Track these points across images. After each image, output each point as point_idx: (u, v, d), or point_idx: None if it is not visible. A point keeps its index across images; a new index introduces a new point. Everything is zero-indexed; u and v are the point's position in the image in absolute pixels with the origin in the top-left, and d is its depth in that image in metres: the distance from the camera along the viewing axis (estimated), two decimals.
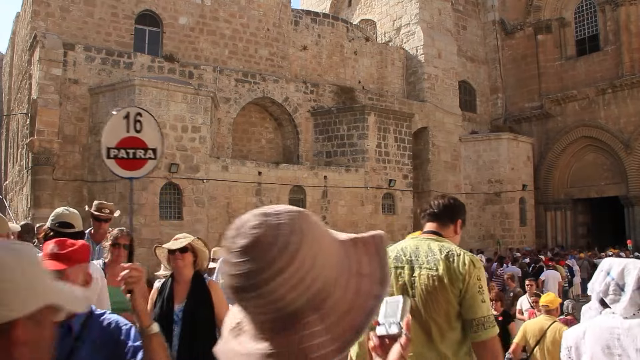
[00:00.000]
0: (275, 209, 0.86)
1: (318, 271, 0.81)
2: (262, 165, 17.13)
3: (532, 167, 24.43)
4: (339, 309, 0.82)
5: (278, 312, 0.80)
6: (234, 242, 0.84)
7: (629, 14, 22.67)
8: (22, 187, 17.16)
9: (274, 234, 0.81)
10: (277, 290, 0.79)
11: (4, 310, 0.79)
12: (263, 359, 0.79)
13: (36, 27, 15.93)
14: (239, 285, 0.81)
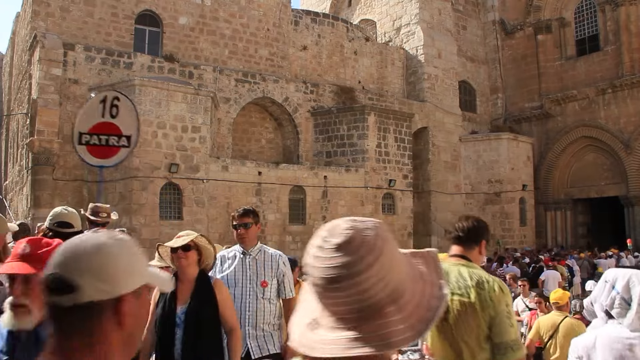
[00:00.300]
0: (361, 218, 1.04)
1: (394, 272, 0.97)
2: (262, 165, 17.13)
3: (532, 167, 24.42)
4: (411, 305, 0.97)
5: (363, 302, 0.94)
6: (327, 240, 0.98)
7: (629, 14, 22.67)
8: (22, 187, 17.17)
9: (362, 235, 0.97)
10: (365, 282, 0.93)
11: (116, 287, 1.01)
12: (350, 343, 0.91)
13: (36, 27, 15.94)
14: (332, 276, 0.94)
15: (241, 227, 3.90)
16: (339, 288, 0.94)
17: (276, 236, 16.96)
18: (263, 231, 16.79)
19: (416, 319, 0.96)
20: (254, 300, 3.83)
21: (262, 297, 3.84)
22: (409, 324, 0.95)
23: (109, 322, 1.01)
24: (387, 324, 0.93)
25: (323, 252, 0.98)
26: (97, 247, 1.02)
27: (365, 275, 0.94)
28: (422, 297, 1.00)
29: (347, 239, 0.96)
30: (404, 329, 0.93)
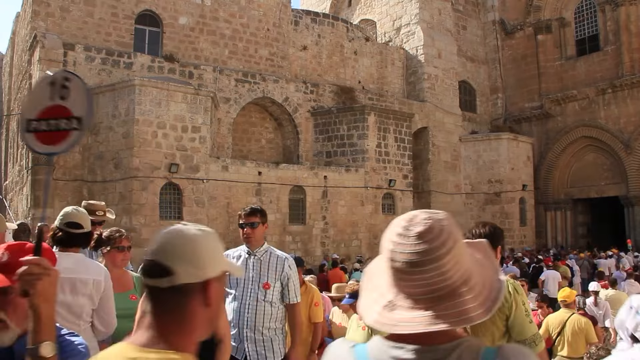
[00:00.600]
0: (433, 210, 1.18)
1: (464, 257, 1.14)
2: (262, 165, 17.13)
3: (532, 167, 24.42)
4: (479, 286, 1.12)
5: (442, 283, 1.09)
6: (409, 229, 1.12)
7: (629, 14, 22.67)
8: (22, 187, 17.16)
9: (440, 225, 1.12)
10: (445, 265, 1.09)
11: (204, 272, 1.17)
12: (431, 320, 1.06)
13: (36, 27, 15.93)
14: (415, 260, 1.09)
15: (247, 227, 3.75)
16: (421, 271, 1.09)
17: (276, 236, 16.95)
18: None
19: (485, 297, 1.11)
20: (254, 302, 3.69)
21: (263, 299, 3.69)
22: (479, 302, 1.09)
23: (197, 302, 1.18)
24: (462, 302, 1.08)
25: (406, 240, 1.11)
26: (188, 238, 1.20)
27: (445, 259, 1.09)
28: (486, 279, 1.15)
29: (428, 227, 1.11)
30: (476, 306, 1.08)
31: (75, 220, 3.31)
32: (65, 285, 3.07)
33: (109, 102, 15.10)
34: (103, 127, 15.17)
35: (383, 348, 1.14)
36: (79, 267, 3.20)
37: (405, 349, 1.10)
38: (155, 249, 1.20)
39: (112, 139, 14.90)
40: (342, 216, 18.32)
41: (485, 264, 1.20)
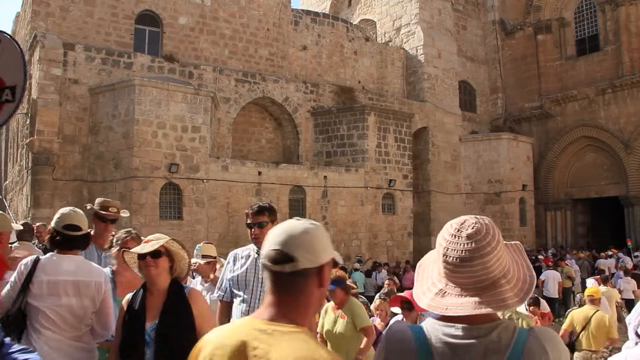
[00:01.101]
0: (480, 216, 1.46)
1: (504, 255, 1.41)
2: (262, 165, 17.13)
3: (532, 167, 24.42)
4: (515, 279, 1.40)
5: (486, 276, 1.37)
6: (460, 231, 1.42)
7: (629, 14, 22.66)
8: (22, 187, 17.17)
9: (486, 228, 1.40)
10: (489, 262, 1.37)
11: (319, 258, 1.39)
12: (477, 305, 1.34)
13: (36, 27, 15.94)
14: (464, 257, 1.37)
15: (255, 227, 3.53)
16: (470, 265, 1.37)
17: None
18: None
19: (519, 289, 1.38)
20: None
21: None
22: (515, 293, 1.37)
23: (313, 284, 1.41)
24: (501, 292, 1.36)
25: (458, 240, 1.40)
26: (305, 231, 1.40)
27: (489, 257, 1.38)
28: (520, 274, 1.43)
29: (476, 230, 1.40)
30: (512, 296, 1.36)
31: (73, 222, 3.26)
32: (68, 288, 3.08)
33: (109, 102, 15.11)
34: (103, 127, 15.17)
35: (436, 327, 1.42)
36: (81, 270, 3.19)
37: (455, 327, 1.38)
38: (278, 241, 1.39)
39: (112, 139, 14.90)
40: (342, 216, 18.32)
41: (520, 262, 1.48)
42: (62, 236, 3.21)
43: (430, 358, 1.38)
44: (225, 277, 3.67)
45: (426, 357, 1.39)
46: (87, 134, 15.50)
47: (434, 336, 1.40)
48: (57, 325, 3.00)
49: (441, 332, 1.39)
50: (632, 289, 12.00)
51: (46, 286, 3.02)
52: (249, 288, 3.52)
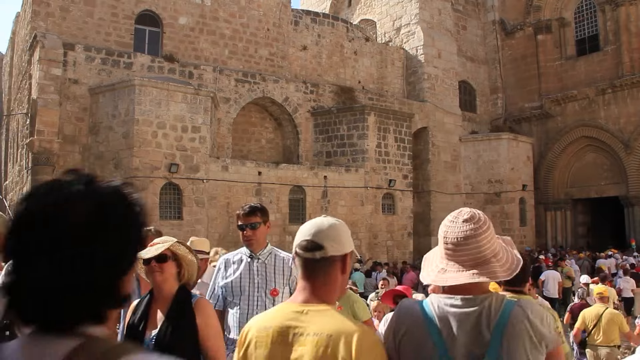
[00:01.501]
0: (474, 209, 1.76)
1: (494, 239, 1.71)
2: (262, 165, 17.13)
3: (532, 167, 24.42)
4: (503, 259, 1.70)
5: (479, 254, 1.66)
6: (457, 217, 1.70)
7: (629, 14, 22.67)
8: (22, 187, 17.17)
9: (479, 215, 1.71)
10: (482, 242, 1.67)
11: (343, 248, 1.68)
12: (473, 276, 1.63)
13: (36, 27, 15.94)
14: (462, 238, 1.66)
15: (247, 228, 3.35)
16: (466, 245, 1.66)
17: (276, 236, 16.95)
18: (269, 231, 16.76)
19: (507, 267, 1.69)
20: (262, 309, 3.19)
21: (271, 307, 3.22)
22: (504, 269, 1.67)
23: (338, 270, 1.68)
24: (492, 267, 1.66)
25: (456, 224, 1.70)
26: (331, 225, 1.69)
27: (482, 237, 1.67)
28: (508, 256, 1.72)
29: (471, 216, 1.69)
30: (502, 271, 1.66)
31: None
32: None
33: (109, 102, 15.11)
34: (103, 127, 15.17)
35: (439, 299, 1.68)
36: None
37: (455, 298, 1.65)
38: (310, 232, 1.66)
39: (112, 139, 14.91)
40: (342, 216, 18.28)
41: (508, 249, 1.77)
42: None
43: (434, 324, 1.64)
44: (217, 284, 3.46)
45: (432, 324, 1.64)
46: (87, 134, 15.51)
47: (437, 307, 1.67)
48: None
49: (443, 303, 1.67)
50: (630, 288, 12.29)
51: None
52: (244, 294, 3.34)
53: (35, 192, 0.93)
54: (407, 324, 1.68)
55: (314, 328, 1.57)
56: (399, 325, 1.70)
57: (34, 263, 0.86)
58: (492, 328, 1.58)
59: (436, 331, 1.63)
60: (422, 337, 1.64)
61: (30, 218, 0.89)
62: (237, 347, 1.72)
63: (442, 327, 1.62)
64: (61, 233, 0.87)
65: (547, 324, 1.64)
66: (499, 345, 1.56)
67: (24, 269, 0.87)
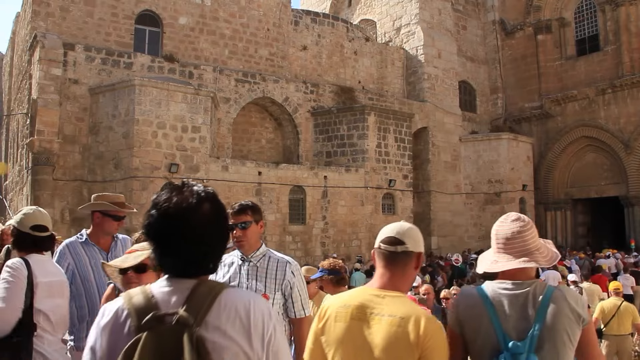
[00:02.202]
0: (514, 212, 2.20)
1: (537, 238, 2.08)
2: (262, 165, 17.13)
3: (532, 167, 24.41)
4: (545, 252, 2.08)
5: (524, 248, 2.03)
6: (506, 218, 2.11)
7: (629, 14, 22.66)
8: (22, 187, 17.17)
9: (524, 217, 2.09)
10: (527, 237, 2.05)
11: (418, 246, 2.01)
12: (520, 263, 2.01)
13: (36, 27, 15.94)
14: (510, 234, 2.05)
15: (237, 228, 3.10)
16: (514, 239, 2.05)
17: (276, 236, 16.96)
18: (263, 231, 16.76)
19: (548, 258, 2.07)
20: None
21: None
22: (546, 260, 2.05)
23: (412, 265, 2.00)
24: (536, 257, 2.03)
25: (505, 223, 2.10)
26: (410, 227, 2.04)
27: (527, 234, 2.05)
28: (549, 251, 2.10)
29: (517, 216, 2.10)
30: (544, 261, 2.05)
31: (41, 223, 3.06)
32: (57, 288, 3.00)
33: (109, 102, 15.11)
34: (103, 127, 15.17)
35: (493, 284, 2.06)
36: (58, 270, 3.13)
37: (506, 283, 2.04)
38: (393, 231, 2.01)
39: (112, 139, 14.91)
40: (342, 216, 18.32)
41: (548, 247, 2.13)
42: (30, 237, 3.01)
43: (490, 303, 2.00)
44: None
45: (488, 303, 2.00)
46: (87, 134, 15.50)
47: (491, 290, 2.04)
48: (53, 328, 2.96)
49: (497, 287, 2.04)
50: (630, 285, 12.73)
51: (45, 288, 2.94)
52: None
53: (169, 197, 1.43)
54: (468, 304, 2.06)
55: (388, 310, 1.89)
56: (460, 304, 2.10)
57: (177, 241, 1.39)
58: (537, 307, 1.94)
59: (492, 309, 1.99)
60: (481, 314, 2.00)
61: (175, 213, 1.39)
62: (317, 319, 2.04)
63: (496, 306, 2.00)
64: (197, 222, 1.40)
65: (582, 304, 1.99)
66: (542, 321, 1.92)
67: (171, 243, 1.40)
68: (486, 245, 10.47)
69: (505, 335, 1.94)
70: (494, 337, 1.95)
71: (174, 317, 1.29)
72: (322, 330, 1.98)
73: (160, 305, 1.35)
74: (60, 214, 14.93)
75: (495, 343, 1.95)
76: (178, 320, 1.29)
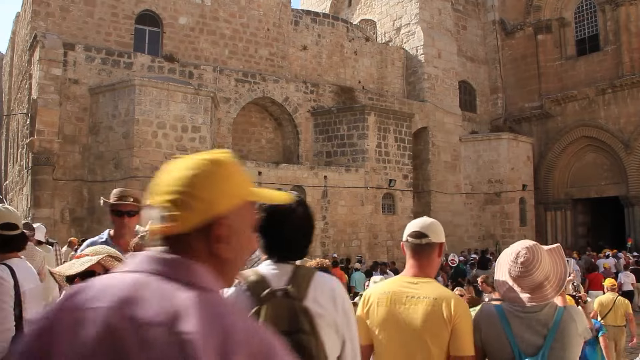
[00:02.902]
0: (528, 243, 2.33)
1: (546, 266, 2.27)
2: (262, 165, 17.13)
3: (532, 167, 24.41)
4: (554, 279, 2.27)
5: (532, 283, 2.24)
6: (516, 261, 2.28)
7: (629, 14, 22.66)
8: (22, 187, 17.17)
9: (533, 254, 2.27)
10: (535, 275, 2.24)
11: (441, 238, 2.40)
12: (528, 299, 2.23)
13: (36, 27, 15.94)
14: (519, 274, 2.26)
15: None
16: (523, 278, 2.25)
17: None
18: None
19: (555, 285, 2.27)
20: None
21: None
22: (553, 289, 2.26)
23: (436, 254, 2.33)
24: (544, 291, 2.25)
25: (515, 265, 2.28)
26: (432, 222, 2.38)
27: (535, 272, 2.24)
28: (556, 274, 2.29)
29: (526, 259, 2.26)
30: (551, 292, 2.25)
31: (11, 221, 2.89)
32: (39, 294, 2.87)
33: (109, 102, 15.10)
34: (103, 127, 15.17)
35: (510, 305, 2.29)
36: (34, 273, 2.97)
37: (520, 306, 2.26)
38: (419, 226, 2.34)
39: (112, 139, 14.90)
40: (342, 216, 18.32)
41: (558, 262, 2.33)
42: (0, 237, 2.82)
43: (506, 321, 2.25)
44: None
45: (505, 322, 2.25)
46: (87, 134, 15.50)
47: (507, 310, 2.29)
48: None
49: (512, 308, 2.29)
50: (630, 282, 13.44)
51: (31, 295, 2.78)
52: None
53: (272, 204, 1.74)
54: (489, 322, 2.31)
55: (423, 293, 2.23)
56: (481, 322, 2.32)
57: (280, 235, 1.82)
58: (550, 326, 2.21)
59: (508, 328, 2.25)
60: (499, 331, 2.27)
61: (280, 214, 1.80)
62: (361, 305, 2.38)
63: (512, 325, 2.25)
64: (295, 220, 1.84)
65: (583, 322, 2.29)
66: (553, 338, 2.19)
67: (275, 236, 1.82)
68: (486, 246, 10.67)
69: (521, 352, 2.21)
70: (510, 352, 2.24)
71: (283, 292, 1.70)
72: (366, 315, 2.33)
73: (271, 283, 1.73)
74: (60, 214, 14.93)
75: (510, 358, 2.24)
76: (287, 294, 1.69)
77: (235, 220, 1.05)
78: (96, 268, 2.12)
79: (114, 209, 3.57)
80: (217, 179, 1.03)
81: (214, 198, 1.02)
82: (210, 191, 1.02)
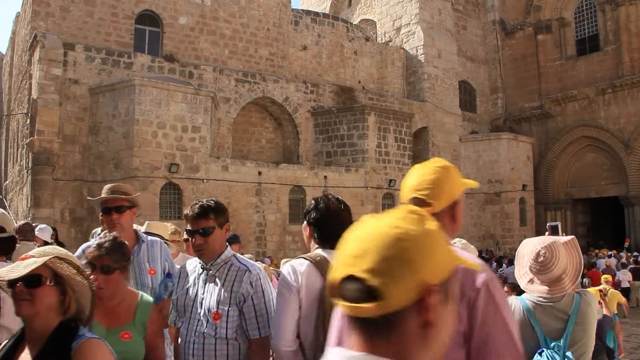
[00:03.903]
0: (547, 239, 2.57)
1: (563, 259, 2.49)
2: (262, 165, 17.13)
3: (532, 167, 24.41)
4: (571, 272, 2.51)
5: (551, 277, 2.47)
6: (537, 259, 2.49)
7: (629, 14, 22.66)
8: (22, 187, 17.17)
9: (551, 252, 2.49)
10: (553, 270, 2.47)
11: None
12: (547, 292, 2.47)
13: (36, 27, 15.94)
14: (538, 270, 2.49)
15: (197, 235, 2.54)
16: (542, 273, 2.46)
17: (276, 236, 16.96)
18: (263, 231, 16.80)
19: (572, 277, 2.48)
20: (200, 338, 2.51)
21: (213, 335, 2.49)
22: (570, 281, 2.47)
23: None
24: (563, 283, 2.46)
25: (535, 263, 2.47)
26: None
27: (554, 269, 2.45)
28: (573, 266, 2.51)
29: (545, 257, 2.47)
30: (569, 283, 2.47)
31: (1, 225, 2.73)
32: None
33: (109, 102, 15.11)
34: (103, 127, 15.17)
35: (533, 296, 2.50)
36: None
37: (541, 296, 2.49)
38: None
39: (112, 138, 14.91)
40: None
41: (574, 254, 2.55)
42: None
43: (529, 310, 2.47)
44: (174, 296, 2.80)
45: (529, 312, 2.47)
46: (87, 134, 15.50)
47: (529, 301, 2.51)
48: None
49: (535, 298, 2.51)
50: (627, 279, 14.35)
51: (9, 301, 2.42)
52: (186, 315, 2.61)
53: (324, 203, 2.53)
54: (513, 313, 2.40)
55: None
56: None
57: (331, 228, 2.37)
58: (570, 313, 2.42)
59: (533, 317, 2.46)
60: (524, 320, 2.47)
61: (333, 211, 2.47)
62: None
63: (535, 314, 2.47)
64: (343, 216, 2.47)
65: (597, 306, 2.50)
66: (574, 322, 2.41)
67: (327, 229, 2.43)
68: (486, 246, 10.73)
69: (546, 336, 2.43)
70: (536, 338, 2.45)
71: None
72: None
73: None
74: (60, 214, 14.93)
75: (536, 343, 2.46)
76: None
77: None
78: (42, 272, 1.73)
79: (102, 206, 3.17)
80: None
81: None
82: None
